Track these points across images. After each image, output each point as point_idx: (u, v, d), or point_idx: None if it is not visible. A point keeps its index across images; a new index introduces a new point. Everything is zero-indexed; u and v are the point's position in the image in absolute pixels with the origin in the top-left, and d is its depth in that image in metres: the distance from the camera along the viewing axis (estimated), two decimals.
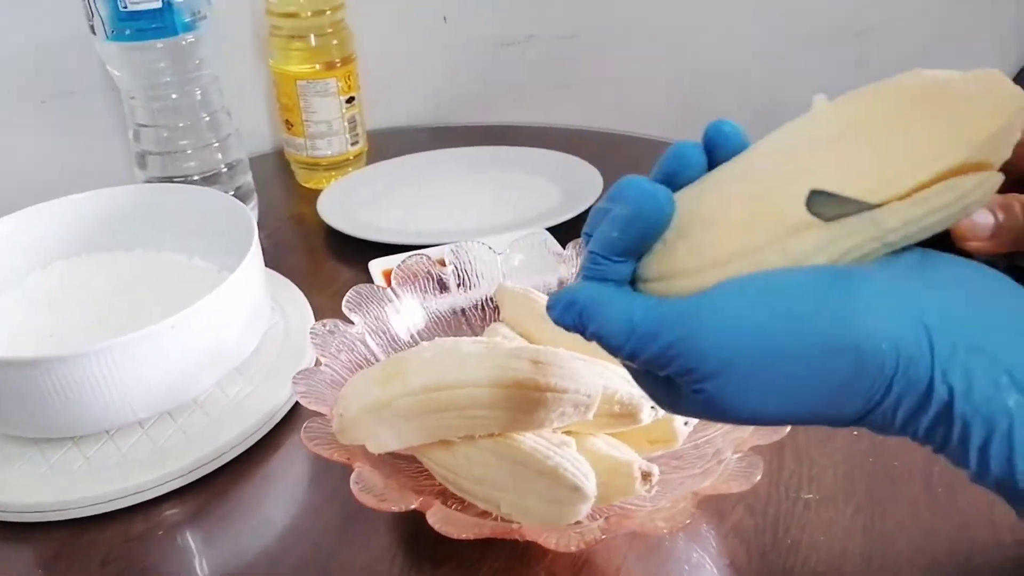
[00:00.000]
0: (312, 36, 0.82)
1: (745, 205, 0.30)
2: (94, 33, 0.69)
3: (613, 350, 0.31)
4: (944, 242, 0.32)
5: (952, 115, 0.28)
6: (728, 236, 0.29)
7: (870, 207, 0.28)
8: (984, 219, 0.31)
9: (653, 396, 0.33)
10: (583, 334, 0.32)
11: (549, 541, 0.38)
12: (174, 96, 0.73)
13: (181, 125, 0.74)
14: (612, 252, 0.31)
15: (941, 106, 0.28)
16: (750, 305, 0.28)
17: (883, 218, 0.28)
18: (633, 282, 0.32)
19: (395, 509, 0.39)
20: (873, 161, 0.28)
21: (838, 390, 0.28)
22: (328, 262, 0.78)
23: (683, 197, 0.32)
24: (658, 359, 0.29)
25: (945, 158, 0.27)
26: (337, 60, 0.83)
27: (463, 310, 0.57)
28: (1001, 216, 0.31)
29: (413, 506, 0.39)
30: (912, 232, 0.28)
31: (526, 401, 0.40)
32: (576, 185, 0.82)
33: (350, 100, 0.86)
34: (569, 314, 0.32)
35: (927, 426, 0.27)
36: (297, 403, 0.58)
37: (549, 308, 0.33)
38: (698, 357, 0.28)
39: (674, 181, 0.32)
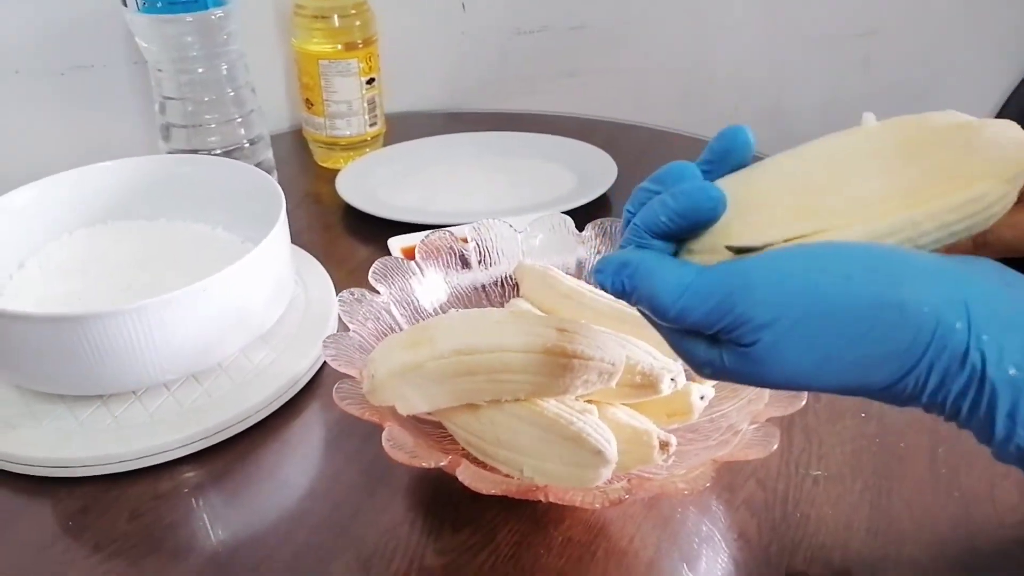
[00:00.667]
0: (335, 16, 0.83)
1: (798, 197, 0.33)
2: (125, 5, 0.70)
3: (660, 311, 0.32)
4: None
5: (985, 150, 0.32)
6: (779, 221, 0.32)
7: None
8: None
9: (692, 359, 0.34)
10: (629, 297, 0.33)
11: (575, 499, 0.39)
12: (200, 70, 0.74)
13: (206, 99, 0.75)
14: (656, 233, 0.33)
15: (976, 141, 0.32)
16: (804, 264, 0.30)
17: (920, 219, 0.31)
18: (675, 253, 0.34)
19: (425, 465, 0.40)
20: (917, 177, 0.32)
21: (876, 351, 0.29)
22: (345, 239, 0.79)
23: (732, 180, 0.34)
24: (712, 314, 0.31)
25: (980, 183, 0.31)
26: (359, 41, 0.84)
27: (483, 286, 0.59)
28: None
29: (443, 464, 0.40)
30: (942, 236, 0.32)
31: (553, 367, 0.41)
32: (590, 171, 0.84)
33: (370, 81, 0.87)
34: (619, 277, 0.33)
35: (957, 392, 0.29)
36: (318, 372, 0.59)
37: (597, 272, 0.34)
38: (753, 305, 0.30)
39: (725, 160, 0.34)
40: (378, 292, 0.53)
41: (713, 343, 0.32)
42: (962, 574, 0.45)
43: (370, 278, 0.53)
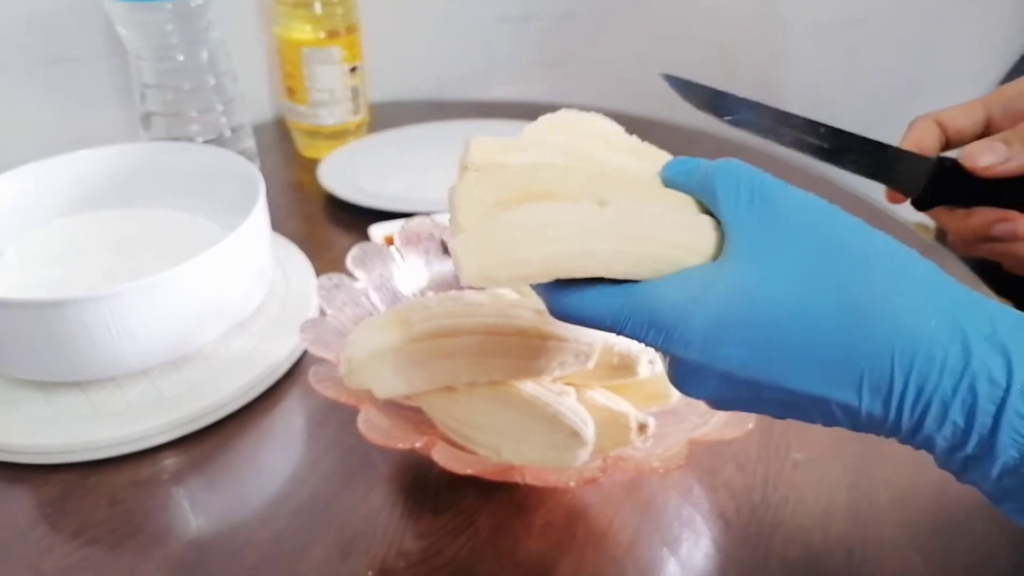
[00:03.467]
0: (317, 4, 0.82)
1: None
2: None
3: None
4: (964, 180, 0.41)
5: None
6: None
7: None
8: (996, 149, 0.40)
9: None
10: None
11: (549, 479, 0.39)
12: (180, 58, 0.73)
13: (187, 87, 0.74)
14: None
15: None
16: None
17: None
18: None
19: (400, 447, 0.40)
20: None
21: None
22: (327, 228, 0.79)
23: None
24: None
25: None
26: (341, 29, 0.84)
27: None
28: (1013, 143, 0.40)
29: (418, 445, 0.40)
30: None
31: (529, 349, 0.41)
32: None
33: (353, 69, 0.86)
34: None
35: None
36: (299, 359, 0.59)
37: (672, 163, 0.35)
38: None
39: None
40: (356, 278, 0.53)
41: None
42: (941, 556, 0.45)
43: (348, 263, 0.53)
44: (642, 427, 0.44)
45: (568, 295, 0.32)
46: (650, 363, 0.45)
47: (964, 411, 0.28)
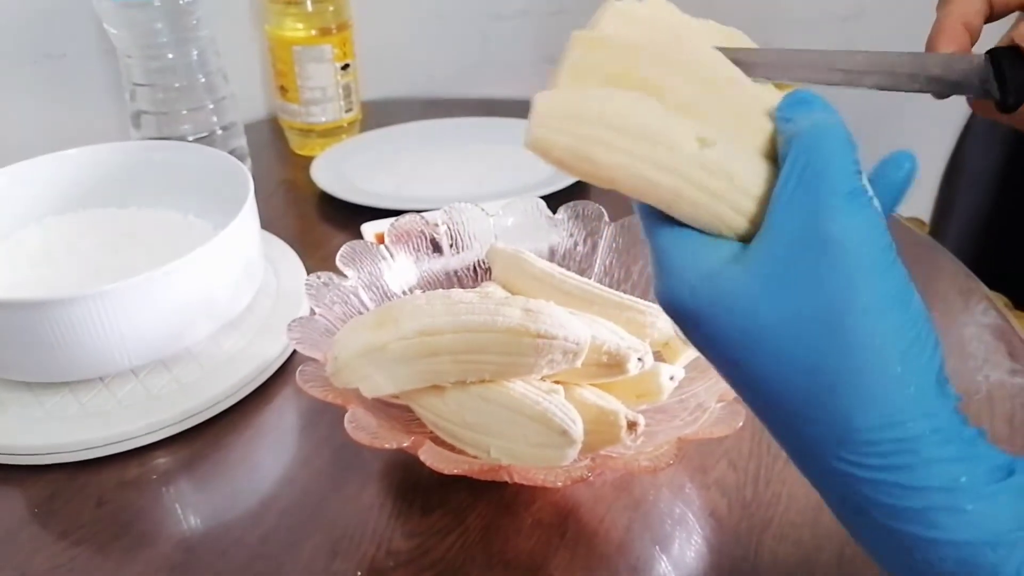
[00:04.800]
0: (308, 1, 0.82)
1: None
2: None
3: None
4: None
5: None
6: None
7: None
8: None
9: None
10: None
11: (537, 478, 0.39)
12: (170, 56, 0.73)
13: (177, 85, 0.74)
14: None
15: None
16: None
17: None
18: None
19: (388, 446, 0.40)
20: None
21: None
22: (320, 226, 0.78)
23: None
24: None
25: None
26: (333, 26, 0.84)
27: (455, 271, 0.58)
28: None
29: (405, 444, 0.40)
30: None
31: (517, 347, 0.41)
32: None
33: (345, 67, 0.86)
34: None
35: None
36: (289, 359, 0.59)
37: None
38: None
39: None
40: (346, 276, 0.53)
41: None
42: None
43: (337, 262, 0.53)
44: (632, 425, 0.44)
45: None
46: (639, 360, 0.45)
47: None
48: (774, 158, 0.30)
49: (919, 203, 1.09)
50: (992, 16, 0.41)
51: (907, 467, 0.26)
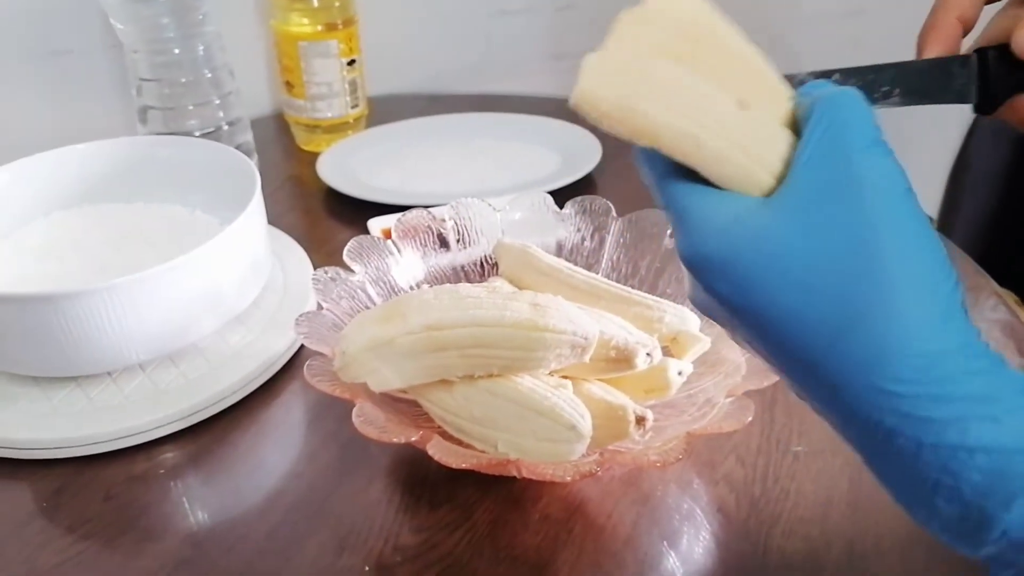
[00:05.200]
0: None
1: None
2: None
3: None
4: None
5: None
6: None
7: None
8: None
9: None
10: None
11: (545, 473, 0.39)
12: (176, 51, 0.73)
13: (183, 81, 0.74)
14: None
15: None
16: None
17: None
18: None
19: (396, 441, 0.40)
20: None
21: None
22: (326, 222, 0.78)
23: None
24: None
25: None
26: (339, 21, 0.84)
27: (463, 266, 0.58)
28: None
29: (413, 439, 0.40)
30: None
31: (525, 341, 0.41)
32: (574, 151, 0.83)
33: (351, 63, 0.86)
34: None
35: None
36: (296, 353, 0.59)
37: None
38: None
39: None
40: (353, 271, 0.52)
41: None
42: (942, 549, 0.44)
43: (345, 257, 0.52)
44: (640, 420, 0.43)
45: (651, 158, 0.32)
46: (648, 355, 0.45)
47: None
48: (796, 131, 0.31)
49: (926, 200, 1.09)
50: None
51: (942, 379, 0.27)
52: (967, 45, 0.41)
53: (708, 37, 0.32)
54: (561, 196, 0.61)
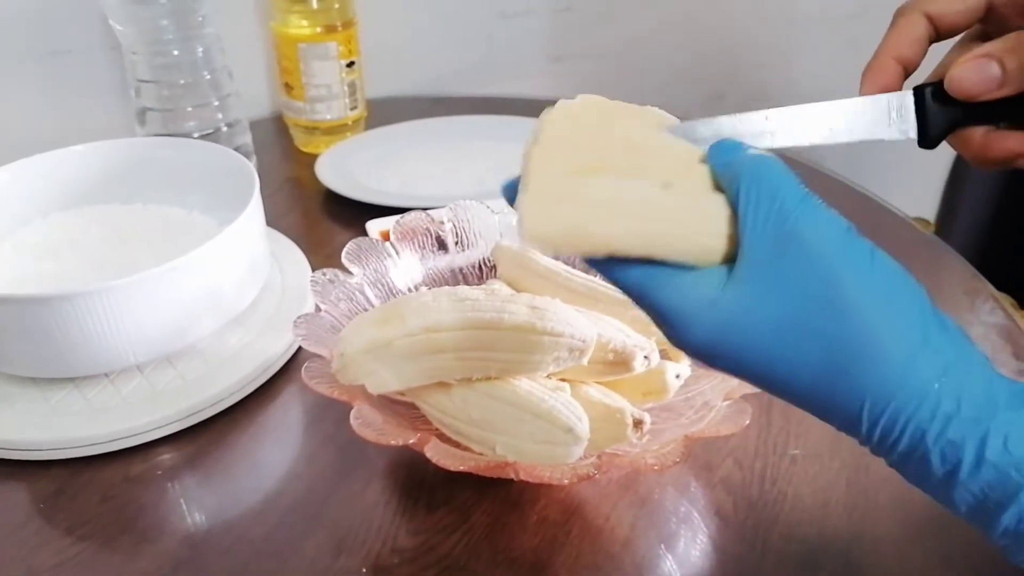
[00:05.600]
0: None
1: None
2: None
3: None
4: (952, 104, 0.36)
5: None
6: None
7: None
8: (987, 71, 0.34)
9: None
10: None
11: (543, 476, 0.39)
12: (175, 53, 0.73)
13: (182, 82, 0.74)
14: None
15: None
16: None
17: None
18: None
19: (393, 443, 0.40)
20: None
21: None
22: (324, 224, 0.78)
23: None
24: None
25: None
26: (338, 23, 0.84)
27: (461, 268, 0.58)
28: (1009, 62, 0.34)
29: (411, 441, 0.40)
30: None
31: (523, 344, 0.41)
32: None
33: (350, 65, 0.86)
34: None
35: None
36: (294, 355, 0.59)
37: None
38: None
39: None
40: (351, 273, 0.52)
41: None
42: (939, 551, 0.44)
43: (343, 259, 0.53)
44: (638, 423, 0.44)
45: (615, 268, 0.33)
46: (645, 358, 0.45)
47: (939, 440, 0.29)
48: (722, 192, 0.33)
49: (925, 203, 1.09)
50: (939, 37, 0.41)
51: (934, 404, 0.29)
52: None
53: (613, 132, 0.34)
54: None
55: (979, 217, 0.97)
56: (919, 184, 1.09)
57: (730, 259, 0.32)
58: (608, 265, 0.33)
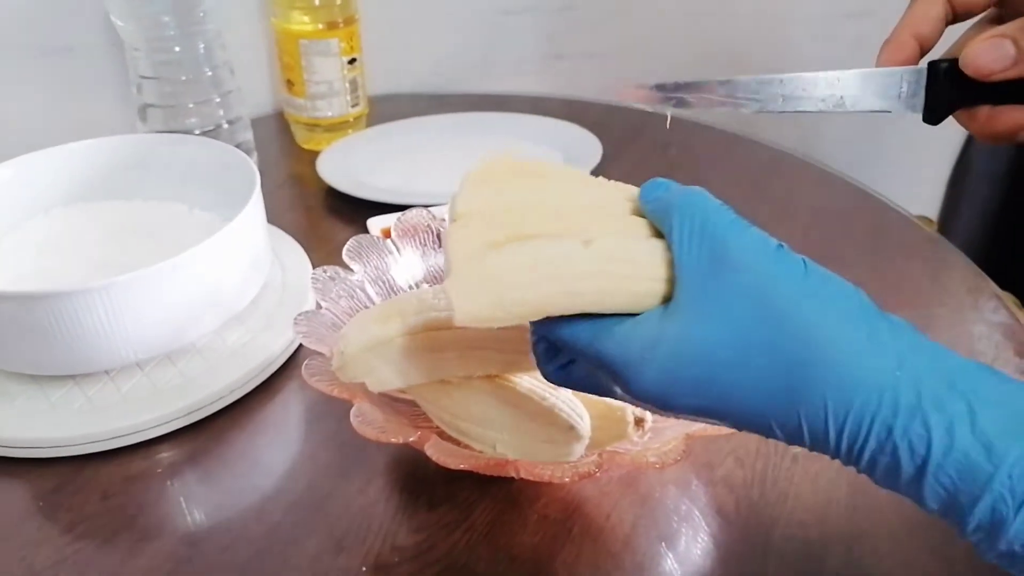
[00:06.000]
0: None
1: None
2: None
3: None
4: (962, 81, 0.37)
5: None
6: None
7: None
8: (1001, 50, 0.35)
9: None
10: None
11: (543, 474, 0.39)
12: (177, 49, 0.73)
13: (183, 79, 0.74)
14: None
15: None
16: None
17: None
18: None
19: (394, 441, 0.40)
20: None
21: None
22: (326, 221, 0.78)
23: None
24: None
25: None
26: (340, 20, 0.83)
27: None
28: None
29: (411, 439, 0.40)
30: None
31: (524, 342, 0.41)
32: (575, 150, 0.83)
33: (352, 61, 0.86)
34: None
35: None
36: (295, 352, 0.59)
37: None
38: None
39: None
40: (352, 270, 0.52)
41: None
42: (941, 550, 0.44)
43: (344, 256, 0.52)
44: (639, 421, 0.43)
45: (555, 327, 0.34)
46: None
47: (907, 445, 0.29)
48: (657, 235, 0.34)
49: (928, 200, 1.08)
50: (955, 19, 0.42)
51: (893, 404, 0.28)
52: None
53: (528, 196, 0.35)
54: None
55: (982, 215, 0.97)
56: (921, 182, 1.08)
57: (670, 300, 0.32)
58: (549, 326, 0.34)
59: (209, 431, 0.53)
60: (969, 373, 0.29)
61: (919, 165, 1.09)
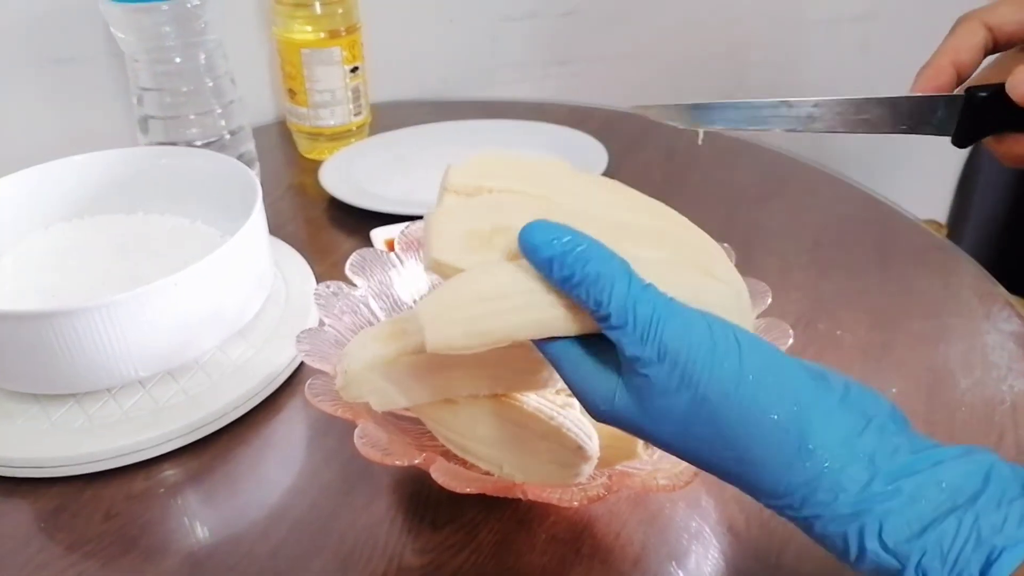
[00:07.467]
0: (317, 3, 0.81)
1: None
2: None
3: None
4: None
5: None
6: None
7: None
8: None
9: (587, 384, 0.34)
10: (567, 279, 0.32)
11: (552, 497, 0.38)
12: (178, 60, 0.72)
13: (184, 90, 0.73)
14: None
15: None
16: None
17: None
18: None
19: (399, 463, 0.39)
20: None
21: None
22: (329, 231, 0.78)
23: None
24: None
25: None
26: (342, 29, 0.83)
27: None
28: None
29: (417, 461, 0.39)
30: None
31: (531, 360, 0.40)
32: (580, 157, 0.82)
33: (354, 70, 0.85)
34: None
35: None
36: (298, 368, 0.58)
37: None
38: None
39: None
40: (356, 285, 0.52)
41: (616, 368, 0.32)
42: None
43: (347, 271, 0.52)
44: None
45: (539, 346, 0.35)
46: None
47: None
48: None
49: (937, 205, 1.08)
50: (995, 48, 0.42)
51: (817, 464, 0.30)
52: None
53: (518, 181, 0.37)
54: None
55: (992, 219, 0.96)
56: (930, 186, 1.07)
57: None
58: (538, 344, 0.34)
59: (212, 449, 0.52)
60: (890, 469, 0.30)
61: (927, 169, 1.08)
